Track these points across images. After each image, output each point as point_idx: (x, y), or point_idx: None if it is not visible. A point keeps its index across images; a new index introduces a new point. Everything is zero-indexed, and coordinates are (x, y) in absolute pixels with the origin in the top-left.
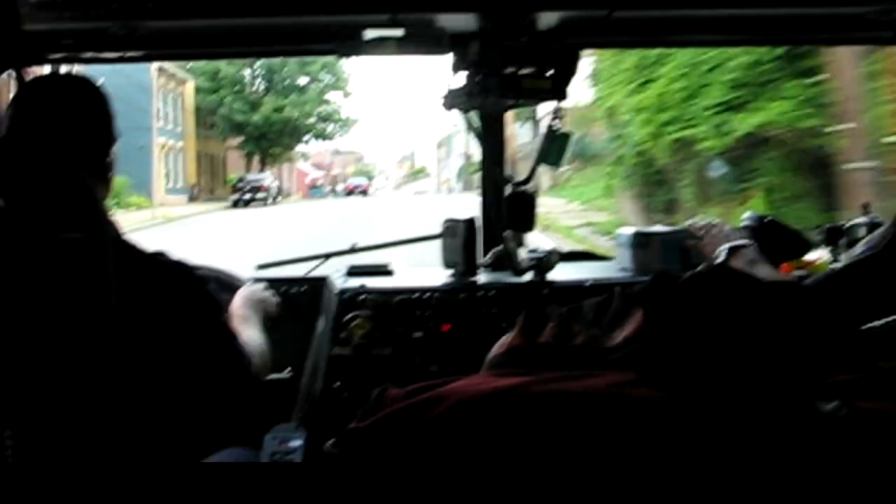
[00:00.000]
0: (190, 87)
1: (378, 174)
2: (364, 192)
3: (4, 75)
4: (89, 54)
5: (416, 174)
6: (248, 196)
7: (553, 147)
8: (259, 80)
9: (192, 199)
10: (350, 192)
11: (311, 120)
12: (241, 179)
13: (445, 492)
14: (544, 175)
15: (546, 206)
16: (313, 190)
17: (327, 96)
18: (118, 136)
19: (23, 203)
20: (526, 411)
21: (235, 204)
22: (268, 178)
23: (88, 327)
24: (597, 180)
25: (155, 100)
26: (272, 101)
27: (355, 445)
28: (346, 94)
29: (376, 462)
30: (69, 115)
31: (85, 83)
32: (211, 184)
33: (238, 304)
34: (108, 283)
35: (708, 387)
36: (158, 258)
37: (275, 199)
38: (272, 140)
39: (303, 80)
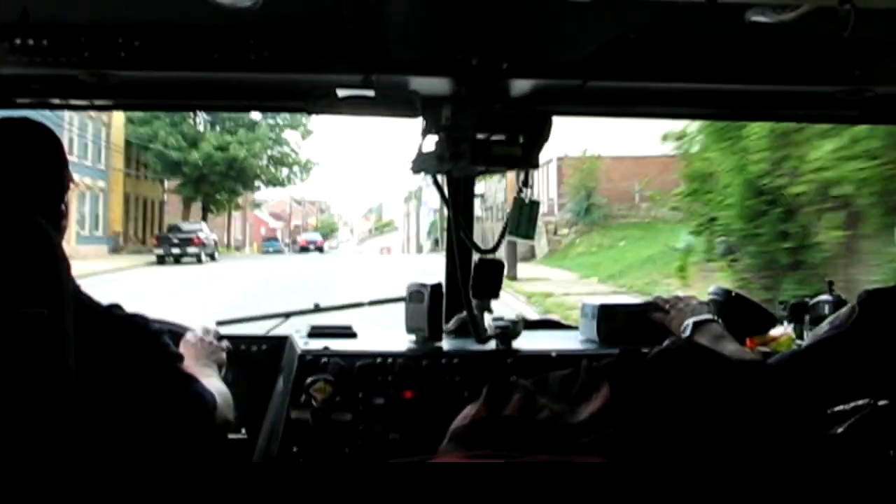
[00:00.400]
0: (119, 117)
1: (342, 226)
2: (320, 249)
3: None
4: (57, 101)
5: (383, 227)
6: (176, 250)
7: (523, 217)
8: (201, 112)
9: (115, 250)
10: (304, 249)
11: (262, 162)
12: (171, 229)
13: None
14: (541, 238)
15: (550, 279)
16: (266, 243)
17: (283, 135)
18: (71, 182)
19: None
20: (477, 483)
21: (161, 260)
22: (203, 230)
23: (46, 392)
24: (610, 248)
25: (66, 129)
26: (214, 137)
27: None
28: (305, 135)
29: None
30: (23, 159)
31: (38, 127)
32: (142, 233)
33: (191, 353)
34: (66, 347)
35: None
36: (112, 311)
37: (211, 255)
38: (214, 184)
39: (255, 115)
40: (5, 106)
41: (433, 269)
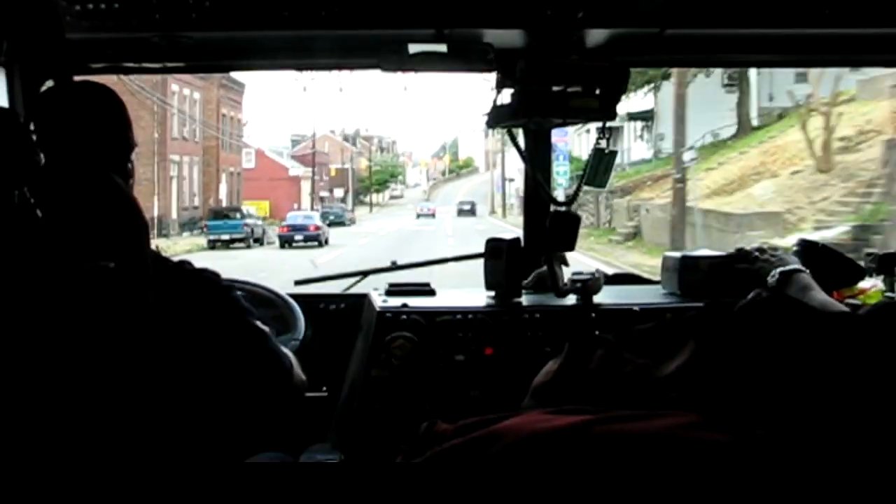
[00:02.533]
0: None
1: (411, 167)
2: (314, 239)
3: (47, 84)
4: (130, 64)
5: (460, 168)
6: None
7: (600, 167)
8: None
9: None
10: (287, 241)
11: None
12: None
13: None
14: None
15: None
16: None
17: None
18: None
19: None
20: (588, 454)
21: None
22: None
23: (126, 346)
24: None
25: None
26: None
27: (408, 483)
28: None
29: (429, 501)
30: (91, 121)
31: (103, 90)
32: None
33: None
34: (147, 299)
35: (778, 428)
36: (183, 266)
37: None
38: None
39: None
40: (80, 71)
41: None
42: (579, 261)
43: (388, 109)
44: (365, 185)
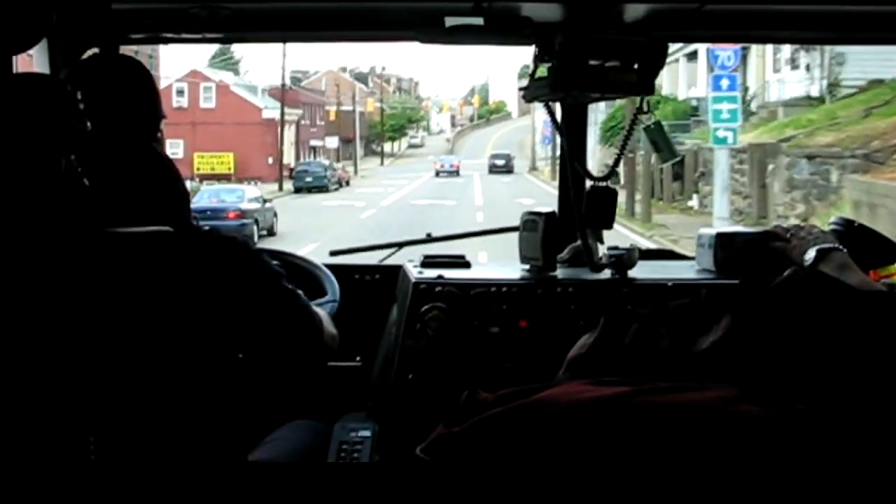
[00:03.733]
0: None
1: (436, 113)
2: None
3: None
4: (170, 35)
5: (491, 114)
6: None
7: (659, 141)
8: None
9: None
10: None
11: None
12: None
13: (547, 501)
14: None
15: None
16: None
17: None
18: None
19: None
20: (631, 423)
21: None
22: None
23: (161, 317)
24: None
25: None
26: None
27: (450, 451)
28: None
29: (473, 469)
30: (122, 91)
31: (131, 61)
32: None
33: None
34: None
35: (816, 403)
36: (214, 233)
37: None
38: None
39: None
40: (121, 42)
41: None
42: None
43: (411, 47)
44: (376, 131)
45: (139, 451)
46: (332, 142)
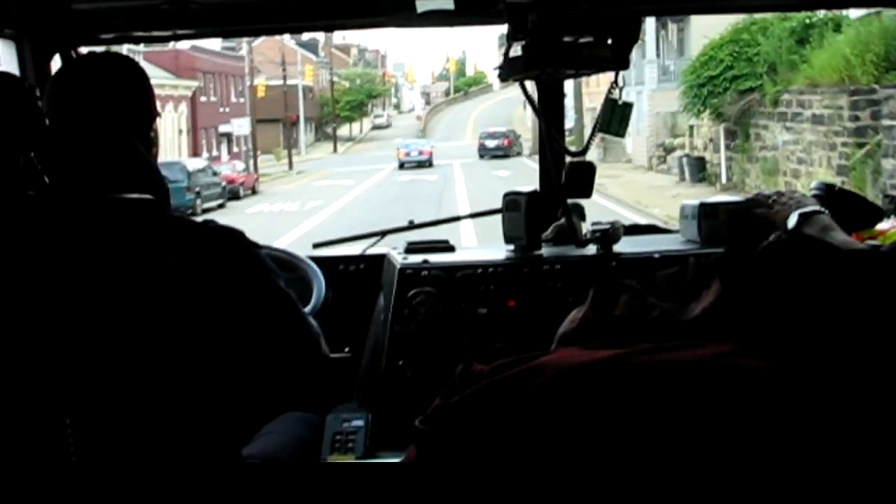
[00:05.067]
0: None
1: (409, 89)
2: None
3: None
4: (140, 33)
5: (469, 86)
6: None
7: (615, 116)
8: None
9: None
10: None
11: None
12: None
13: (549, 464)
14: None
15: None
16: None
17: None
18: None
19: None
20: (632, 381)
21: None
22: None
23: (149, 302)
24: None
25: None
26: None
27: (448, 421)
28: None
29: (474, 437)
30: (114, 90)
31: (125, 60)
32: None
33: None
34: (170, 256)
35: (811, 355)
36: (208, 224)
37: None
38: None
39: None
40: (91, 42)
41: None
42: None
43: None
44: (328, 111)
45: (122, 440)
46: (242, 125)
